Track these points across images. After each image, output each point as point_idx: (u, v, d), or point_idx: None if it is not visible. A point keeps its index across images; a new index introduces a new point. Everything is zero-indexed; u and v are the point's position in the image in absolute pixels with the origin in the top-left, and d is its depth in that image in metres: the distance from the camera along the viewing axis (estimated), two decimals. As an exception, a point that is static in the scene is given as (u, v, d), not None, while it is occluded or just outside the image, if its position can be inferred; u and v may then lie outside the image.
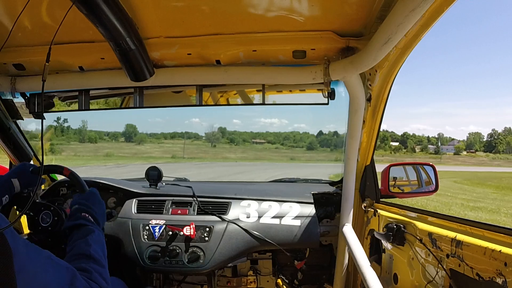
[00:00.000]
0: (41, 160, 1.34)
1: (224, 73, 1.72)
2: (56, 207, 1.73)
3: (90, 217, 1.49)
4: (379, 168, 2.13)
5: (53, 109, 2.04)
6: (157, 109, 2.13)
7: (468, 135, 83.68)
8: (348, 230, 2.02)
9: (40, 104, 1.90)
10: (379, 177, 2.12)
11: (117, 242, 2.09)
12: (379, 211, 1.98)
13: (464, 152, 67.82)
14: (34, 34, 1.58)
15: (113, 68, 1.75)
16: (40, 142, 1.31)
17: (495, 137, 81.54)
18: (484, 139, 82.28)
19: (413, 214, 1.71)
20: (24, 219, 2.39)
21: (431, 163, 2.22)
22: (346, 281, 2.20)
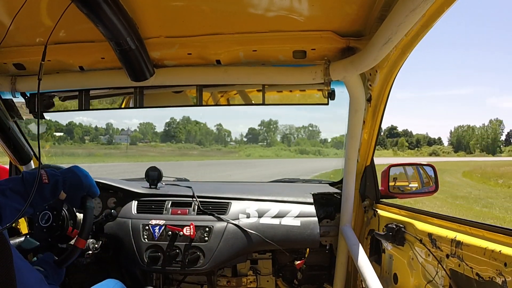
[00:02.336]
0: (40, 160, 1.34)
1: (224, 73, 1.72)
2: (56, 206, 1.73)
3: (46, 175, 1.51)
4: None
5: (53, 109, 2.04)
6: None
7: (139, 125, 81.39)
8: (348, 231, 2.02)
9: (39, 104, 1.90)
10: (379, 177, 2.12)
11: (117, 242, 2.08)
12: (379, 211, 1.98)
13: (140, 143, 66.43)
14: (34, 34, 1.58)
15: (113, 68, 1.75)
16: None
17: (174, 126, 77.31)
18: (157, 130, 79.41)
19: (413, 215, 1.71)
20: (23, 219, 2.38)
21: (431, 164, 2.22)
22: (346, 281, 2.19)
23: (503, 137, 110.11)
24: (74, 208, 1.77)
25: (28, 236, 1.77)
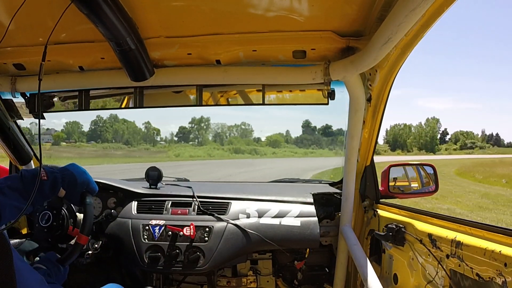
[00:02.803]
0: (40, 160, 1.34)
1: (224, 73, 1.72)
2: (56, 207, 1.73)
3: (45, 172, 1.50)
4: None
5: (53, 109, 2.04)
6: None
7: (65, 124, 74.19)
8: (348, 231, 2.02)
9: (39, 104, 1.90)
10: (379, 177, 2.12)
11: (117, 243, 2.09)
12: (379, 211, 1.98)
13: (64, 143, 62.64)
14: (34, 34, 1.58)
15: (113, 68, 1.75)
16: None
17: (100, 124, 72.12)
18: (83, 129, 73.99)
19: (413, 215, 1.71)
20: (23, 219, 2.39)
21: (431, 164, 2.22)
22: (346, 281, 2.19)
23: (438, 136, 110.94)
24: (73, 208, 1.78)
25: (28, 238, 1.77)
